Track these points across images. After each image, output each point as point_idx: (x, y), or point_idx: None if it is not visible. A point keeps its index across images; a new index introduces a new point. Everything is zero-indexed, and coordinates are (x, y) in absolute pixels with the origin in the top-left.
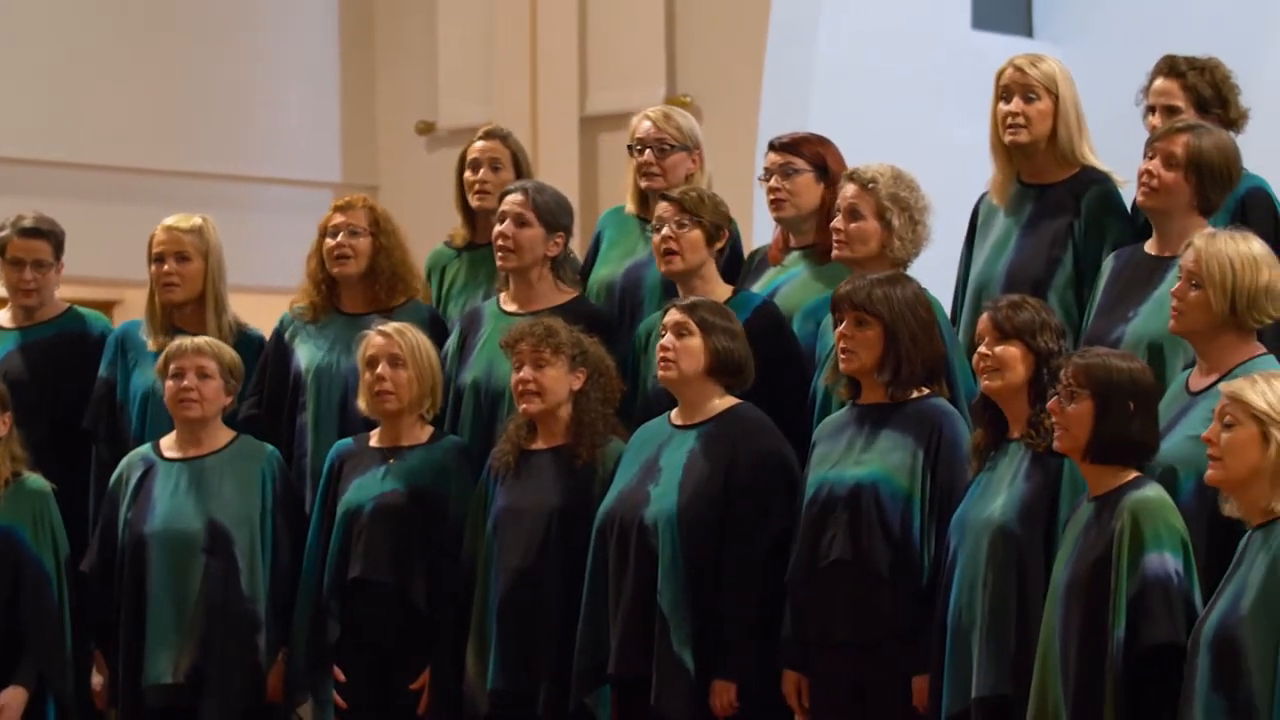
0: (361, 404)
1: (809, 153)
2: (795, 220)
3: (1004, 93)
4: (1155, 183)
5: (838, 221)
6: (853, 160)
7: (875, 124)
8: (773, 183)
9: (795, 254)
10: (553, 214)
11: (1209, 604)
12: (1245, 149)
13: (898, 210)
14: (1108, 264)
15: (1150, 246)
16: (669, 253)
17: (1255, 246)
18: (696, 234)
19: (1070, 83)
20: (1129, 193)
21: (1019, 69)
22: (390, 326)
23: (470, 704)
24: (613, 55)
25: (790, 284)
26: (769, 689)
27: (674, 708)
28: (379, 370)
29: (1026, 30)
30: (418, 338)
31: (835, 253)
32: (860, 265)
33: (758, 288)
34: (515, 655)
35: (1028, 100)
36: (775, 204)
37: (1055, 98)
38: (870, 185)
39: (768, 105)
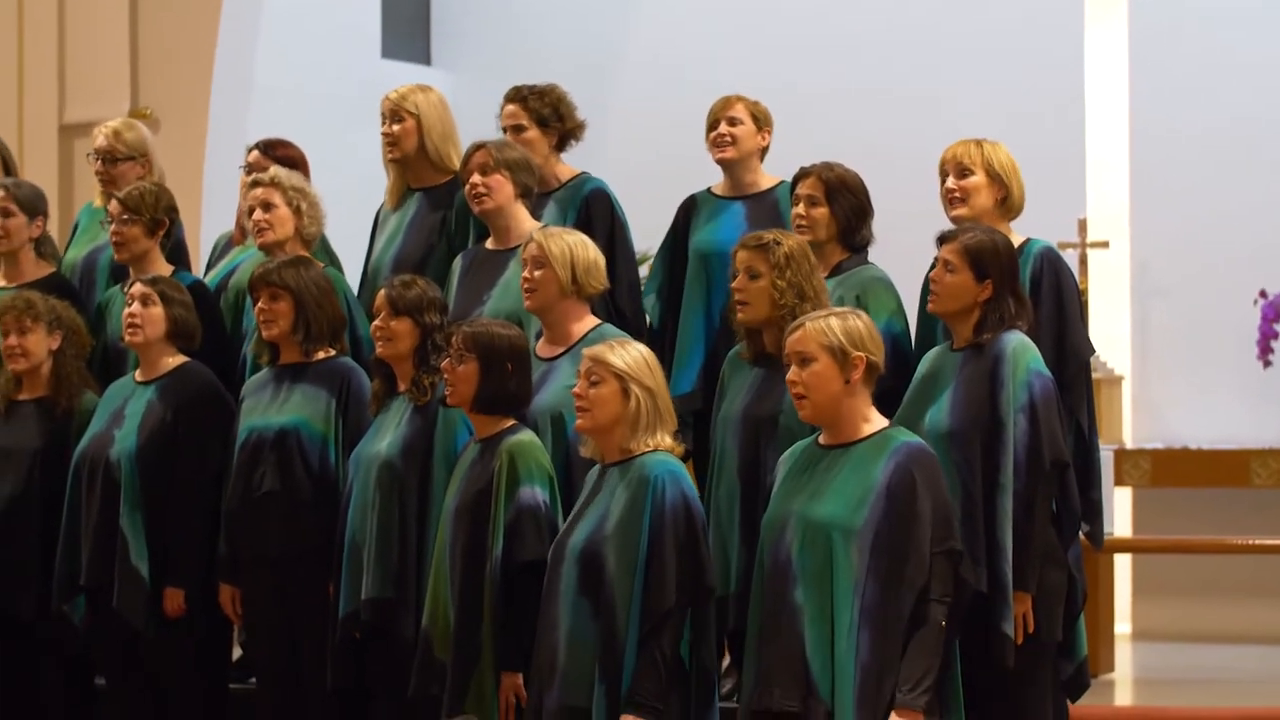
0: None
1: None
2: None
3: (383, 118)
4: (484, 193)
5: (257, 214)
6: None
7: (302, 137)
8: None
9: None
10: (32, 203)
11: (568, 525)
12: (594, 158)
13: (301, 196)
14: (457, 263)
15: (490, 244)
16: (118, 244)
17: (582, 237)
18: (137, 229)
19: (434, 106)
20: None
21: (389, 99)
22: None
23: None
24: (86, 71)
25: (247, 262)
26: (211, 597)
27: (132, 610)
28: None
29: (426, 60)
30: None
31: (258, 240)
32: (281, 248)
33: (224, 263)
34: (3, 572)
35: (396, 122)
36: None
37: (418, 119)
38: (274, 181)
39: (215, 117)
